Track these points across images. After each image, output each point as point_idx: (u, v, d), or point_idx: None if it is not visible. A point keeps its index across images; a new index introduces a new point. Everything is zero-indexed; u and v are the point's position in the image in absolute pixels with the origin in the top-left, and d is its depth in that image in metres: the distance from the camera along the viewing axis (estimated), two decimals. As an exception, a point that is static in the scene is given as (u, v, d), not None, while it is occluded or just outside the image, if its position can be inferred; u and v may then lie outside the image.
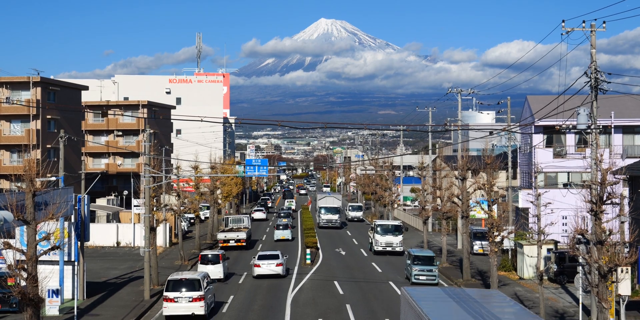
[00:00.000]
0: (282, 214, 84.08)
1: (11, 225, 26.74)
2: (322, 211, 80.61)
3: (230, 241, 60.86)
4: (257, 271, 45.33)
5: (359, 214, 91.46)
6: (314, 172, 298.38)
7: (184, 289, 33.56)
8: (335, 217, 79.52)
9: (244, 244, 60.98)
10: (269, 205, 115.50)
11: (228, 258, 48.23)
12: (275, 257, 46.12)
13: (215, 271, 43.24)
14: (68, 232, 36.78)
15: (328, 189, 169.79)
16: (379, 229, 56.93)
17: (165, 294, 33.80)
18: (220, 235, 61.95)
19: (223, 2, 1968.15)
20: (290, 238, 67.22)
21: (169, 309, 33.47)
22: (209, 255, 45.10)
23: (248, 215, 72.90)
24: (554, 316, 33.86)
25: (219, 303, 37.16)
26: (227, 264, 46.82)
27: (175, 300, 33.33)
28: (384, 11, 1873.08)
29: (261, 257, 45.98)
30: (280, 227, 68.41)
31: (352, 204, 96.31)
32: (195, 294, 33.39)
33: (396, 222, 58.54)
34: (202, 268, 42.43)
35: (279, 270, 45.39)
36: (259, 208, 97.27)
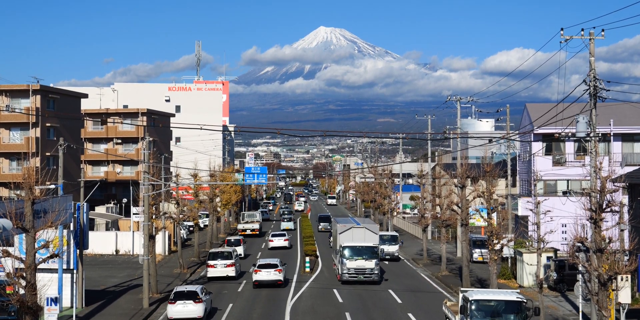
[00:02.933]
0: (285, 212, 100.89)
1: (10, 233, 26.67)
2: (347, 253, 46.52)
3: (247, 230, 79.86)
4: (271, 244, 66.33)
5: (394, 248, 59.52)
6: (313, 181, 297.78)
7: (220, 259, 48.35)
8: (371, 264, 46.19)
9: (257, 232, 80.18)
10: (270, 208, 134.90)
11: (246, 242, 65.54)
12: (283, 235, 68.10)
13: (233, 254, 52.48)
14: (67, 240, 36.73)
15: (333, 201, 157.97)
16: (474, 309, 27.74)
17: (208, 262, 48.62)
18: (240, 226, 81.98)
19: (223, 10, 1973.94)
20: (293, 228, 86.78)
21: (210, 272, 48.12)
22: (232, 240, 60.86)
23: (260, 212, 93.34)
24: (553, 324, 33.73)
25: (244, 271, 50.49)
26: (245, 246, 62.13)
27: (215, 266, 48.01)
28: (383, 19, 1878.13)
29: (273, 235, 67.83)
30: (285, 220, 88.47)
31: (382, 233, 61.66)
32: (229, 262, 48.21)
33: (513, 296, 28.68)
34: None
35: (286, 243, 66.46)
36: (263, 209, 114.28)
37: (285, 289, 44.15)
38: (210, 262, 48.26)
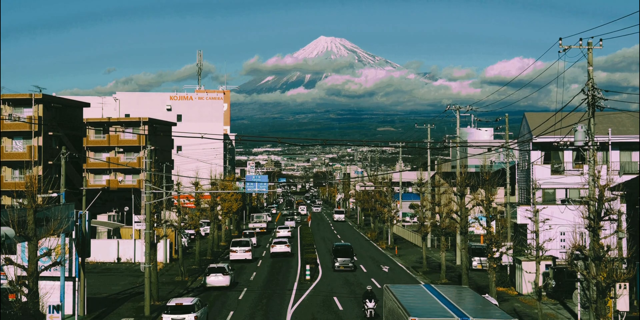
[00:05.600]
0: (294, 213, 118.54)
1: (12, 241, 26.90)
2: None
3: (257, 228, 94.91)
4: (277, 234, 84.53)
5: None
6: (314, 189, 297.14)
7: (239, 246, 63.08)
8: None
9: (264, 230, 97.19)
10: (274, 211, 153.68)
11: (258, 234, 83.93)
12: (287, 228, 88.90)
13: (250, 242, 65.49)
14: (69, 248, 36.93)
15: (342, 217, 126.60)
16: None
17: (230, 248, 63.55)
18: (251, 225, 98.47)
19: (226, 20, 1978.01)
20: (295, 225, 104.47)
21: (232, 256, 62.52)
22: (248, 233, 79.30)
23: (267, 213, 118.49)
24: (552, 332, 33.82)
25: (256, 257, 65.96)
26: (257, 238, 78.95)
27: (236, 251, 62.58)
28: (384, 29, 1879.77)
29: (279, 228, 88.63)
30: (289, 219, 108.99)
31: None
32: (246, 248, 62.94)
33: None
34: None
35: (289, 234, 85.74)
36: (268, 213, 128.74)
37: (286, 297, 44.35)
38: (233, 248, 63.13)
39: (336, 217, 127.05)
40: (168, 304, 34.40)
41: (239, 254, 62.31)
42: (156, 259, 44.31)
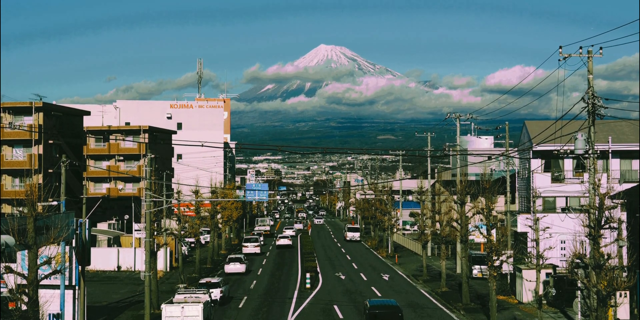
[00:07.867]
0: (298, 216, 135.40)
1: (13, 249, 26.85)
2: None
3: (261, 231, 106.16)
4: (284, 233, 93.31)
5: None
6: (315, 198, 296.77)
7: (250, 242, 77.18)
8: None
9: (268, 233, 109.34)
10: (277, 216, 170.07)
11: (263, 235, 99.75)
12: (291, 228, 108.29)
13: (259, 239, 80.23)
14: (69, 257, 36.86)
15: (357, 235, 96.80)
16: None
17: (243, 244, 77.93)
18: (256, 228, 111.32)
19: (226, 29, 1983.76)
20: (301, 228, 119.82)
21: (244, 250, 74.85)
22: (256, 233, 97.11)
23: (271, 217, 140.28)
24: (553, 340, 33.72)
25: (264, 252, 79.91)
26: (262, 238, 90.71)
27: (247, 246, 76.19)
28: (384, 38, 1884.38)
29: (286, 228, 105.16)
30: (297, 222, 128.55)
31: None
32: (256, 244, 77.01)
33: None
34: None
35: (293, 233, 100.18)
36: (270, 218, 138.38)
37: (286, 305, 44.31)
38: (245, 244, 77.04)
39: (349, 235, 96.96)
40: (200, 282, 44.81)
41: (250, 248, 75.76)
42: (156, 267, 44.28)
